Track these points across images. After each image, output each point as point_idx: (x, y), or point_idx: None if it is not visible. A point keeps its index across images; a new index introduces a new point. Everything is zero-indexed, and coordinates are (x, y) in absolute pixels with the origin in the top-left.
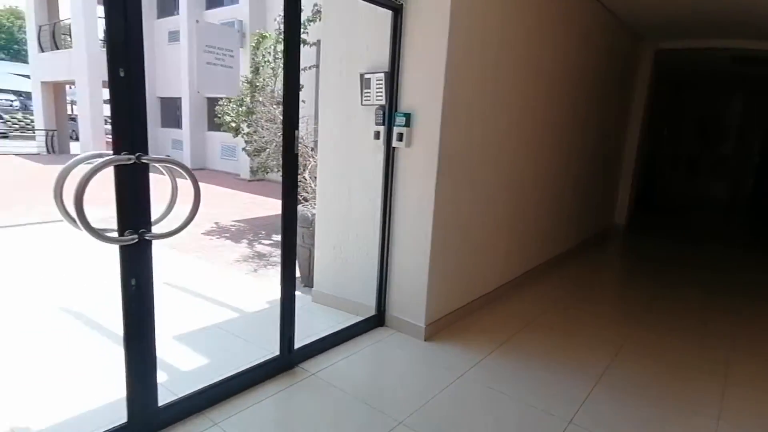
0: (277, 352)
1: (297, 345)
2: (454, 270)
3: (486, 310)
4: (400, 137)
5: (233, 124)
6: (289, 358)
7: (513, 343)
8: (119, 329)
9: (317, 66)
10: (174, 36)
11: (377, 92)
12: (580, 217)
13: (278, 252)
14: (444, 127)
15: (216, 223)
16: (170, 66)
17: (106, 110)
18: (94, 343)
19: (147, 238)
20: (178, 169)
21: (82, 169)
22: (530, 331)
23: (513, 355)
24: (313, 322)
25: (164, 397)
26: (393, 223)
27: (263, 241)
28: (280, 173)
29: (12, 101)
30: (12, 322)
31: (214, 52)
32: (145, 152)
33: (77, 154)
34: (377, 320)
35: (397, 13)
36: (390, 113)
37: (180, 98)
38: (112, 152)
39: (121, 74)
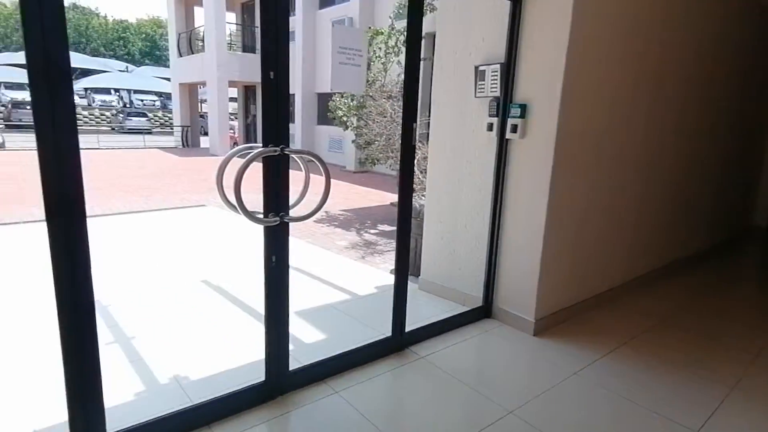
0: (389, 334)
1: (407, 329)
2: (568, 265)
3: (602, 309)
4: (515, 129)
5: (344, 118)
6: (400, 340)
7: (632, 345)
8: (249, 300)
9: (425, 59)
10: (290, 36)
11: (492, 84)
12: (713, 216)
13: (384, 241)
14: (562, 119)
15: (326, 212)
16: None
17: (230, 108)
18: (231, 311)
19: (286, 220)
20: (313, 160)
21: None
22: (652, 334)
23: (632, 358)
24: (419, 308)
25: (291, 364)
26: (504, 215)
27: (370, 230)
28: (387, 165)
29: (155, 101)
30: (163, 292)
31: (345, 53)
32: (287, 145)
33: (207, 148)
34: (484, 311)
35: (516, 2)
36: (504, 104)
37: (293, 94)
38: (261, 145)
39: (271, 76)
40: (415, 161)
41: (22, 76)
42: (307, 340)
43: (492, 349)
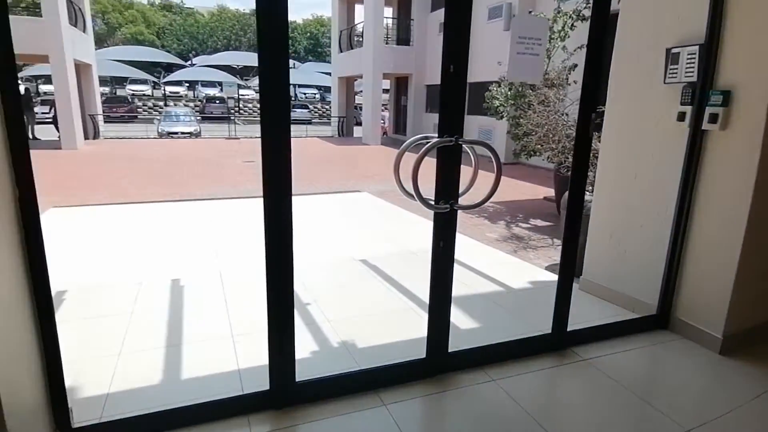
0: (547, 331)
1: (568, 329)
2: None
3: None
4: (714, 119)
5: (501, 108)
6: (560, 339)
7: None
8: (403, 280)
9: None
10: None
11: (687, 68)
12: None
13: (537, 236)
14: None
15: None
16: (437, 55)
17: (382, 99)
18: (386, 289)
19: (456, 208)
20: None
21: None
22: None
23: None
24: (579, 309)
25: (449, 346)
26: (692, 216)
27: (521, 224)
28: (544, 157)
29: (315, 94)
30: (328, 267)
31: (524, 43)
32: (461, 136)
33: (360, 137)
34: (658, 321)
35: None
36: (702, 91)
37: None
38: (436, 136)
39: (451, 70)
40: None
41: (214, 75)
42: (462, 326)
43: (667, 363)
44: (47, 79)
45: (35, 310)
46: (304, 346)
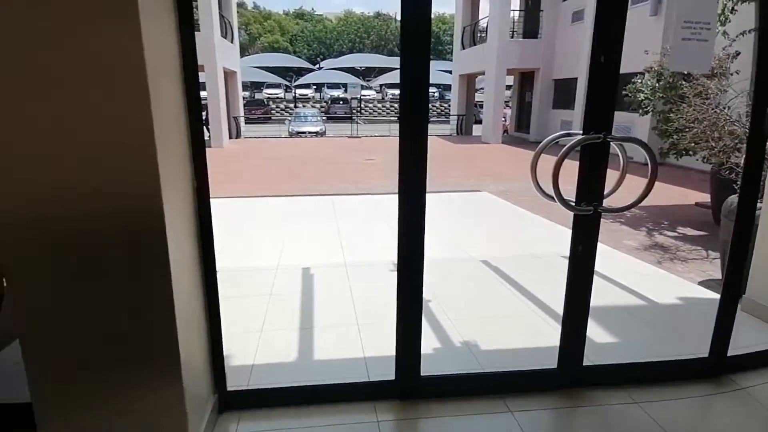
0: (702, 354)
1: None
2: None
3: None
4: None
5: (646, 102)
6: (718, 365)
7: None
8: (528, 285)
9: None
10: (578, 15)
11: None
12: None
13: (687, 247)
14: None
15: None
16: (568, 47)
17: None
18: (509, 293)
19: (599, 210)
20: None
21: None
22: None
23: None
24: (739, 332)
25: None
26: None
27: (666, 232)
28: (699, 157)
29: (434, 93)
30: (448, 265)
31: (691, 27)
32: (610, 132)
33: (479, 135)
34: None
35: None
36: None
37: (576, 79)
38: (581, 132)
39: (602, 60)
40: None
41: (339, 78)
42: (596, 339)
43: None
44: (201, 86)
45: (205, 286)
46: (425, 341)
